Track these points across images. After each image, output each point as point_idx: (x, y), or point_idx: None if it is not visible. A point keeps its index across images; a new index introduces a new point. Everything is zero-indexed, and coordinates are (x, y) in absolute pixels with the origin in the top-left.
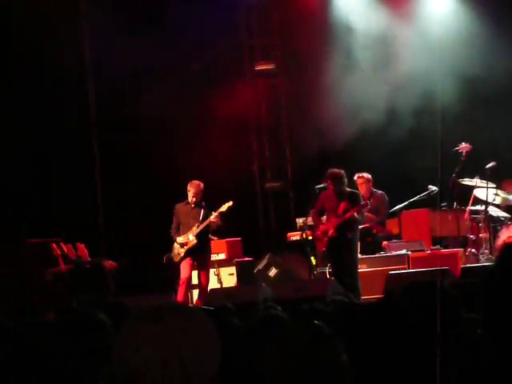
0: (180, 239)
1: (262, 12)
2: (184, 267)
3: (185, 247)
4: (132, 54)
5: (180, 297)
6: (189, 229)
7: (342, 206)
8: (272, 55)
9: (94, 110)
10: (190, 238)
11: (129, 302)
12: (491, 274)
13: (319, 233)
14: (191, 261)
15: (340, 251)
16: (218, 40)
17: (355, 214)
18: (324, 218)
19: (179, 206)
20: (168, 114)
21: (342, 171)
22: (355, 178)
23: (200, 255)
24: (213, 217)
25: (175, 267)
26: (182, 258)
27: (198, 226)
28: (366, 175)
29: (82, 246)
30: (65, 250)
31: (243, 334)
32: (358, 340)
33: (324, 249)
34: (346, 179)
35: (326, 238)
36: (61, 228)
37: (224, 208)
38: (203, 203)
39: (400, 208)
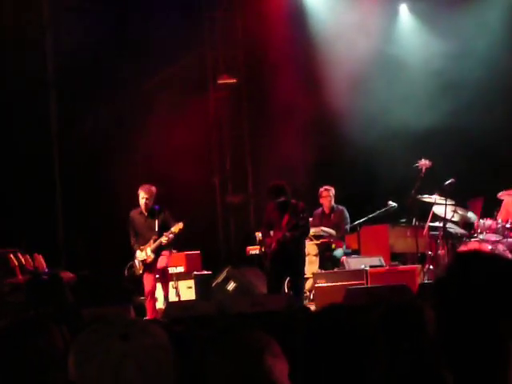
0: (140, 254)
1: (226, 24)
2: (147, 280)
3: (145, 263)
4: (92, 68)
5: (149, 310)
6: (146, 240)
7: (286, 218)
8: (235, 67)
9: (54, 122)
10: (149, 253)
11: (87, 313)
12: (443, 285)
13: (265, 247)
14: (152, 274)
15: (282, 264)
16: (181, 53)
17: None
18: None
19: (133, 214)
20: (128, 126)
21: (281, 183)
22: (321, 189)
23: (158, 269)
24: (164, 239)
25: (136, 279)
26: (143, 272)
27: (155, 241)
28: (332, 190)
29: (39, 256)
30: (22, 260)
31: (198, 347)
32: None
33: (267, 262)
34: (286, 190)
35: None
36: (19, 238)
37: (175, 229)
38: (156, 208)
39: (359, 223)
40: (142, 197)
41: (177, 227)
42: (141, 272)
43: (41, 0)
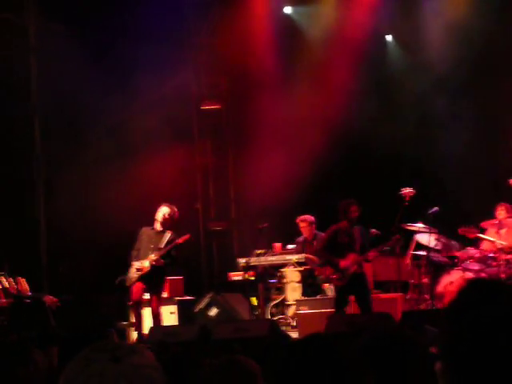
0: (137, 264)
1: (210, 50)
2: (134, 289)
3: (139, 272)
4: (78, 93)
5: (134, 319)
6: (147, 254)
7: (359, 240)
8: (219, 94)
9: (38, 147)
10: (146, 264)
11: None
12: (457, 313)
13: (338, 271)
14: (142, 285)
15: (363, 286)
16: (165, 79)
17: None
18: None
19: (144, 230)
20: (112, 151)
21: (354, 201)
22: (297, 221)
23: (152, 281)
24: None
25: (125, 291)
26: (134, 283)
27: (156, 254)
28: (309, 218)
29: (23, 280)
30: (5, 284)
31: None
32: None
33: (341, 284)
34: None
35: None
36: (2, 261)
37: (181, 240)
38: (170, 232)
39: None
40: (164, 212)
41: (183, 238)
42: (131, 283)
43: (27, 24)
